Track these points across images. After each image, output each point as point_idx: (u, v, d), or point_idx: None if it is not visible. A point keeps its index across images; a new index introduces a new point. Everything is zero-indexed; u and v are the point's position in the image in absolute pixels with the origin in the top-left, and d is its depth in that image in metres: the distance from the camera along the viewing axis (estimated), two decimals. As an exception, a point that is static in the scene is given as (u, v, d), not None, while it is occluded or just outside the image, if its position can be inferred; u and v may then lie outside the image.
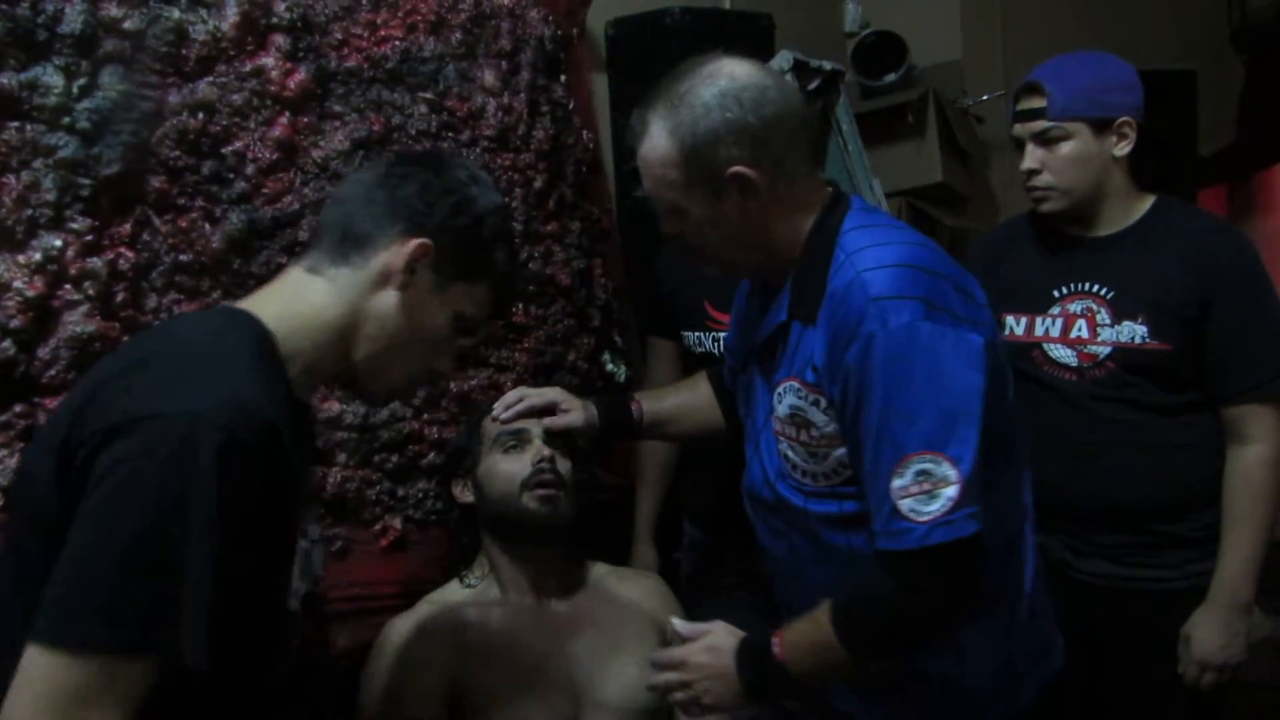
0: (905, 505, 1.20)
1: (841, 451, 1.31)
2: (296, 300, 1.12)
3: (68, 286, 1.44)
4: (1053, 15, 3.41)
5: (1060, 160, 1.80)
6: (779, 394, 1.37)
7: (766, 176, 1.29)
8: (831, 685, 1.42)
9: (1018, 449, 1.37)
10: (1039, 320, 1.86)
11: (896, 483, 1.20)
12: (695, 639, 1.42)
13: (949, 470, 1.19)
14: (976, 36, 3.39)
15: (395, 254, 1.12)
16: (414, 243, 1.12)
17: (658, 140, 1.30)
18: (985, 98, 3.25)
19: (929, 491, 1.19)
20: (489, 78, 1.97)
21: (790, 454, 1.37)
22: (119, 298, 1.48)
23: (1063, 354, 1.83)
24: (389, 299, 1.13)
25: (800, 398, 1.33)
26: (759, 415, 1.45)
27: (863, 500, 1.30)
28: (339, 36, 1.76)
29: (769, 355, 1.41)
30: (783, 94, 1.31)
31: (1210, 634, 1.73)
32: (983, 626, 1.33)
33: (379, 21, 1.82)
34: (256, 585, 0.97)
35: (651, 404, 1.76)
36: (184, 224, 1.56)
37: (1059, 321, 1.84)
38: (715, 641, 1.39)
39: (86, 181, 1.45)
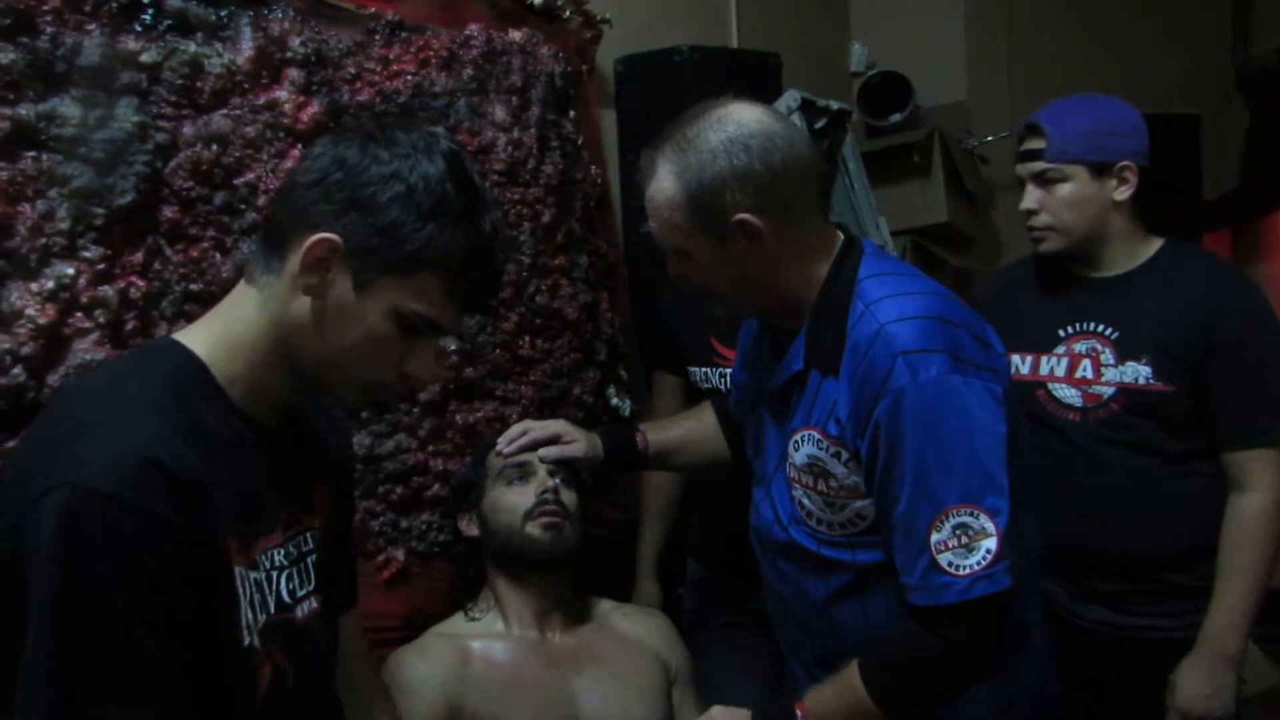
0: (944, 559, 1.20)
1: (861, 504, 1.30)
2: (227, 319, 1.04)
3: (79, 314, 1.44)
4: (1057, 57, 3.43)
5: (1058, 201, 1.80)
6: (795, 442, 1.36)
7: (773, 223, 1.28)
8: None
9: (1025, 493, 1.36)
10: (1044, 359, 1.86)
11: (935, 537, 1.20)
12: None
13: (987, 523, 1.19)
14: (982, 78, 3.41)
15: (299, 255, 0.99)
16: (312, 239, 0.98)
17: (664, 183, 1.29)
18: (990, 139, 3.27)
19: (967, 545, 1.19)
20: (499, 113, 1.99)
21: (806, 501, 1.36)
22: (129, 326, 1.49)
23: (1067, 394, 1.82)
24: (302, 307, 1.01)
25: (820, 448, 1.32)
26: (770, 460, 1.44)
27: (879, 550, 1.29)
28: (352, 71, 1.78)
29: (782, 402, 1.40)
30: (790, 140, 1.29)
31: (1194, 683, 1.70)
32: None
33: (391, 57, 1.84)
34: (178, 634, 0.90)
35: (657, 435, 1.76)
36: (195, 254, 1.57)
37: (1064, 361, 1.83)
38: None
39: (100, 211, 1.46)
